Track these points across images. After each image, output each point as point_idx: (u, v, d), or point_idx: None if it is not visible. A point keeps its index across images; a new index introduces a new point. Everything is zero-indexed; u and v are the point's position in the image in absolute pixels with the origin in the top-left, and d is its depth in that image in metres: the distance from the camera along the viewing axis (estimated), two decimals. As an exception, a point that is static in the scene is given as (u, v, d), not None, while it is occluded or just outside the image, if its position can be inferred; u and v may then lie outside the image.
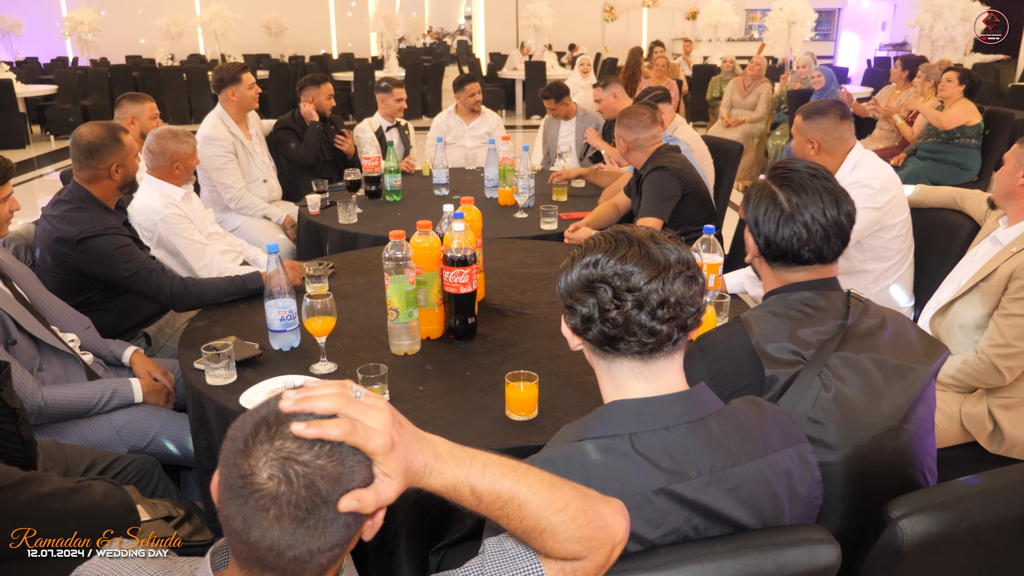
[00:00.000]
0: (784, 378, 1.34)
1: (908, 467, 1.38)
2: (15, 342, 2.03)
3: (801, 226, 1.45)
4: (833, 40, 18.85)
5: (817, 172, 1.49)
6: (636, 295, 1.06)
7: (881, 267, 2.69)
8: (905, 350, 1.40)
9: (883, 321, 1.42)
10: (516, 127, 12.02)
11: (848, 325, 1.38)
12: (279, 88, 12.09)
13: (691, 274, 1.10)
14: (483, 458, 0.91)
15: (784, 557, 1.04)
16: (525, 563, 0.95)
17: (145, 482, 1.99)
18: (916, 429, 1.38)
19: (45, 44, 15.78)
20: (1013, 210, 2.23)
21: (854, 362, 1.35)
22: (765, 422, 1.14)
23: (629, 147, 3.15)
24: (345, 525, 0.82)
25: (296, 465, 0.80)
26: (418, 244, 2.02)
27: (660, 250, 1.09)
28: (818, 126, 2.61)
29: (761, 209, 1.49)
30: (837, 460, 1.32)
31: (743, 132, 7.23)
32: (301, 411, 0.82)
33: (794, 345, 1.36)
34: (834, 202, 1.46)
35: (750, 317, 1.44)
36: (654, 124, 3.13)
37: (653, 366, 1.11)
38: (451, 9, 32.28)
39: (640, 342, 1.08)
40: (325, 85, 4.53)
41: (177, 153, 2.89)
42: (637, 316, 1.07)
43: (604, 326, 1.09)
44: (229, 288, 2.44)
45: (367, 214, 3.53)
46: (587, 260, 1.10)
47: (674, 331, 1.09)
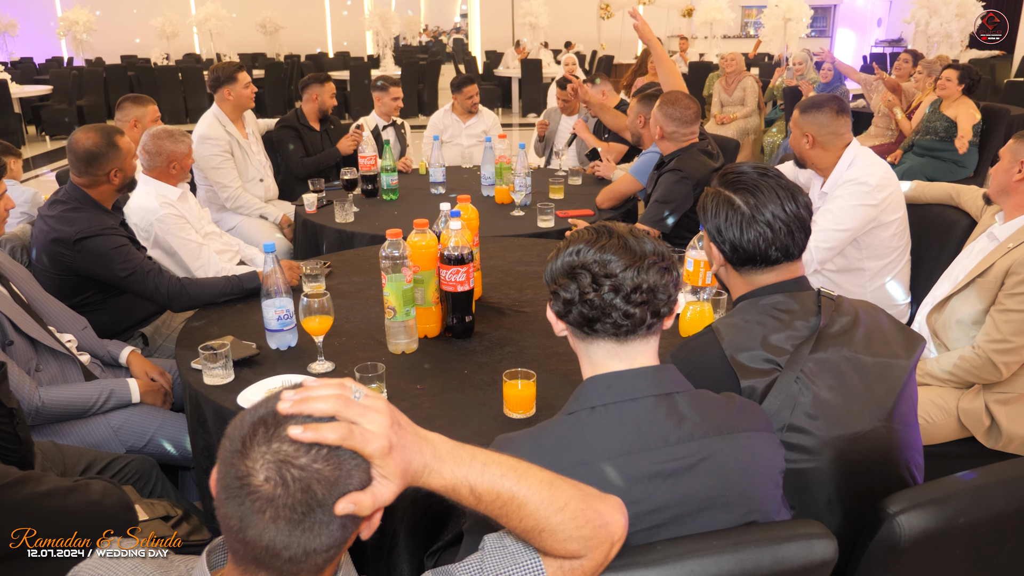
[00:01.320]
0: (761, 387, 1.34)
1: (894, 464, 1.38)
2: (12, 343, 2.03)
3: (764, 225, 1.45)
4: (829, 36, 18.85)
5: (767, 171, 1.50)
6: (612, 280, 1.14)
7: (878, 264, 2.70)
8: (881, 346, 1.40)
9: (856, 318, 1.42)
10: (512, 125, 12.02)
11: (821, 327, 1.38)
12: (275, 87, 12.07)
13: (665, 265, 1.17)
14: (483, 457, 0.91)
15: (781, 552, 1.05)
16: (525, 559, 0.95)
17: (143, 482, 1.99)
18: (899, 426, 1.38)
19: (40, 44, 15.72)
20: (1009, 206, 2.24)
21: (830, 364, 1.35)
22: (734, 405, 1.20)
23: (664, 135, 3.12)
24: (341, 527, 0.82)
25: (293, 468, 0.79)
26: (415, 243, 2.02)
27: (637, 243, 1.17)
28: (814, 120, 2.61)
29: (721, 216, 1.48)
30: (822, 465, 1.32)
31: (738, 129, 7.22)
32: (299, 413, 0.82)
33: (767, 353, 1.36)
34: (790, 196, 1.47)
35: (721, 326, 1.43)
36: (696, 121, 3.11)
37: (628, 347, 1.17)
38: (447, 7, 32.27)
39: (615, 323, 1.15)
40: (328, 84, 4.54)
41: (174, 153, 2.89)
42: (613, 300, 1.14)
43: (583, 308, 1.16)
44: (226, 288, 2.44)
45: (364, 213, 3.53)
46: (570, 249, 1.19)
47: (647, 315, 1.15)
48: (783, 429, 1.31)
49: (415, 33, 20.60)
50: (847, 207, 2.57)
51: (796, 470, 1.31)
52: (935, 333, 2.27)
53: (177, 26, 14.48)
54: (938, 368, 2.18)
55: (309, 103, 4.49)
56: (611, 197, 3.53)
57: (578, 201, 3.68)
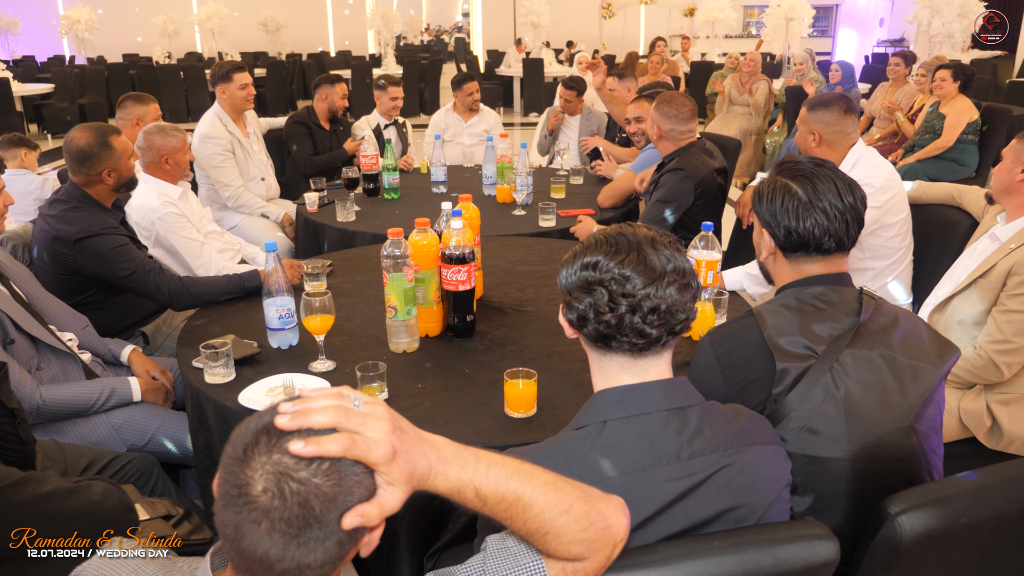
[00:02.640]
0: (795, 372, 1.34)
1: (915, 466, 1.38)
2: (13, 341, 2.03)
3: (821, 213, 1.45)
4: (831, 36, 18.84)
5: (824, 163, 1.51)
6: (630, 300, 1.11)
7: (880, 265, 2.69)
8: (917, 350, 1.40)
9: (895, 320, 1.42)
10: (514, 124, 12.01)
11: (861, 322, 1.38)
12: (276, 86, 12.07)
13: (685, 282, 1.14)
14: (487, 459, 0.91)
15: (783, 553, 1.05)
16: (527, 560, 0.95)
17: (144, 481, 1.99)
18: (925, 429, 1.38)
19: (42, 42, 15.73)
20: (1011, 206, 2.23)
21: (866, 359, 1.35)
22: (743, 418, 1.19)
23: (662, 135, 3.11)
24: (337, 544, 0.81)
25: (292, 482, 0.78)
26: (416, 242, 2.01)
27: (658, 257, 1.13)
28: (821, 118, 2.60)
29: (778, 202, 1.48)
30: (843, 456, 1.32)
31: (740, 128, 7.21)
32: (298, 428, 0.80)
33: (806, 340, 1.36)
34: (848, 188, 1.48)
35: (763, 310, 1.44)
36: (692, 119, 3.10)
37: (641, 362, 1.16)
38: (449, 6, 32.27)
39: (631, 342, 1.14)
40: (339, 85, 4.59)
41: (164, 148, 2.85)
42: (630, 320, 1.12)
43: (599, 325, 1.13)
44: (227, 286, 2.44)
45: (365, 212, 3.53)
46: (588, 260, 1.15)
47: (663, 335, 1.14)
48: (812, 417, 1.31)
49: (417, 32, 20.62)
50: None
51: (818, 458, 1.32)
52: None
53: (179, 25, 14.49)
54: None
55: (320, 102, 4.54)
56: (613, 196, 3.53)
57: (579, 200, 3.68)
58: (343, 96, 4.57)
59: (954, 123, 5.17)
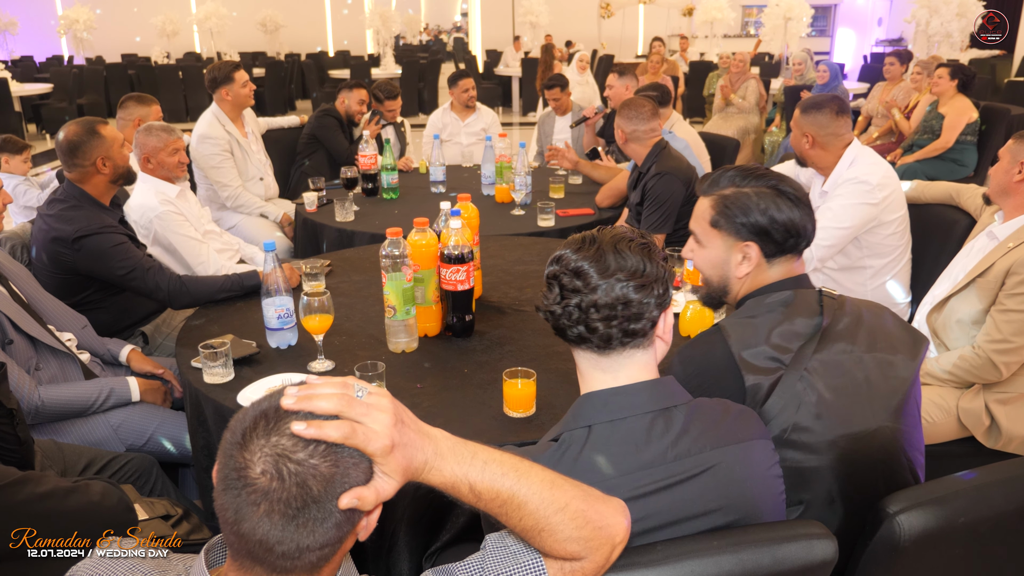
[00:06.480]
0: (767, 384, 1.33)
1: (897, 463, 1.38)
2: (11, 342, 2.03)
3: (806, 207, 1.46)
4: (829, 36, 18.84)
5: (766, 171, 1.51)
6: (579, 296, 1.14)
7: (879, 263, 2.70)
8: (885, 344, 1.39)
9: (859, 318, 1.41)
10: (513, 124, 12.01)
11: (824, 326, 1.37)
12: (275, 86, 12.06)
13: (640, 283, 1.13)
14: (484, 455, 0.91)
15: (781, 552, 1.05)
16: (526, 559, 0.95)
17: (143, 481, 1.99)
18: (903, 426, 1.38)
19: (40, 42, 15.71)
20: (1009, 206, 2.23)
21: (835, 363, 1.35)
22: (730, 415, 1.19)
23: (627, 138, 3.12)
24: (336, 525, 0.82)
25: (290, 463, 0.80)
26: (415, 241, 2.02)
27: (616, 256, 1.14)
28: (814, 120, 2.61)
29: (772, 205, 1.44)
30: (825, 464, 1.32)
31: (738, 128, 7.21)
32: (302, 410, 0.82)
33: (772, 350, 1.35)
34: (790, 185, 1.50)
35: (727, 324, 1.43)
36: (654, 117, 3.10)
37: (608, 359, 1.17)
38: (447, 6, 32.26)
39: (580, 336, 1.15)
40: (358, 90, 4.66)
41: (145, 146, 2.84)
42: (579, 315, 1.14)
43: (557, 320, 1.17)
44: (226, 286, 2.44)
45: (364, 212, 3.53)
46: (557, 254, 1.19)
47: (615, 332, 1.14)
48: (788, 429, 1.30)
49: (415, 32, 20.58)
50: (848, 205, 2.57)
51: (800, 468, 1.31)
52: (935, 332, 2.26)
53: (177, 24, 14.47)
54: (938, 368, 2.18)
55: (340, 105, 4.65)
56: (611, 195, 3.53)
57: (578, 200, 3.68)
58: (360, 102, 4.64)
59: (953, 123, 5.18)
